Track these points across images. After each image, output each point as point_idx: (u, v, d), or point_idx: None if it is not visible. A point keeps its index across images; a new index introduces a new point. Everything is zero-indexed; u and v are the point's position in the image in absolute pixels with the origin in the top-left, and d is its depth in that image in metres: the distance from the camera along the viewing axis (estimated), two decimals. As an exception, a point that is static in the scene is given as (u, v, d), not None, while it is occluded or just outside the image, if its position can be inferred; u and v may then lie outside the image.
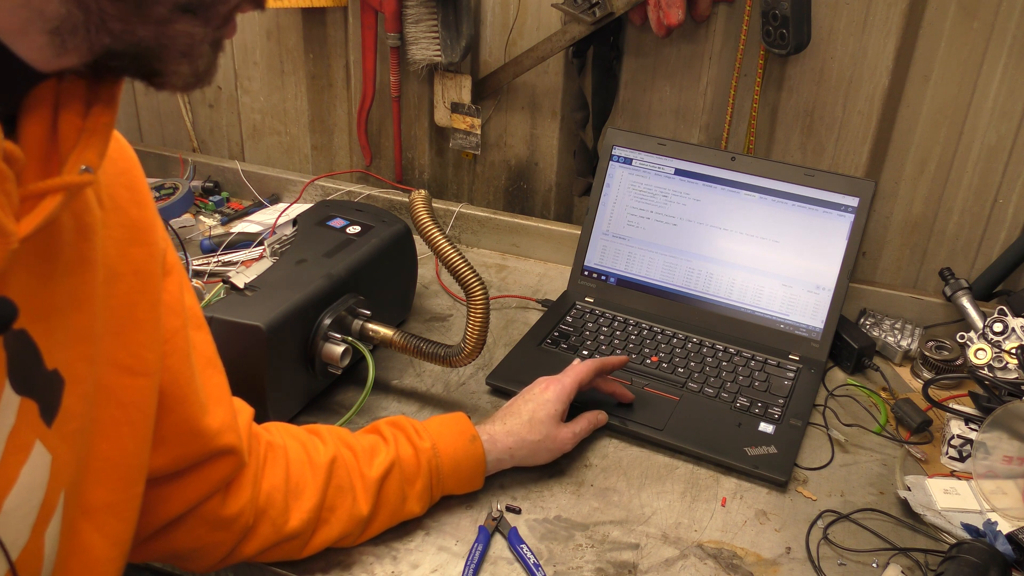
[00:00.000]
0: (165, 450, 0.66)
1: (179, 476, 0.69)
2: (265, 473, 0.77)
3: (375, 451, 0.83)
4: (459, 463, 0.86)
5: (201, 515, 0.72)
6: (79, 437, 0.55)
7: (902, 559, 0.85)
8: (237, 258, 1.32)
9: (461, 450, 0.86)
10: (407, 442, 0.84)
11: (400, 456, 0.83)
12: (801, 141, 1.29)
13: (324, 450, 0.80)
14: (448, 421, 0.88)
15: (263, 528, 0.76)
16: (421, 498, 0.84)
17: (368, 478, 0.81)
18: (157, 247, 0.63)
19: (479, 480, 0.88)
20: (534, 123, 1.44)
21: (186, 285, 0.69)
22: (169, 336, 0.64)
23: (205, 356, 0.71)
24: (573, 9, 1.25)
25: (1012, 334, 1.07)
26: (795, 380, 1.10)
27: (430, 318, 1.24)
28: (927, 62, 1.19)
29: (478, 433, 0.88)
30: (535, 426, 0.90)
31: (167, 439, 0.65)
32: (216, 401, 0.70)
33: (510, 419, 0.91)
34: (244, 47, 1.58)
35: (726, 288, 1.19)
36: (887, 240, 1.31)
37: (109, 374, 0.58)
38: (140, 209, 0.62)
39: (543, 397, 0.92)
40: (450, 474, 0.85)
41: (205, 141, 1.71)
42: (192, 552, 0.74)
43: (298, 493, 0.77)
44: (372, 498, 0.80)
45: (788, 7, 1.12)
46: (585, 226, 1.27)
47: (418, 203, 0.97)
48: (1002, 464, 0.93)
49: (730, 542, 0.87)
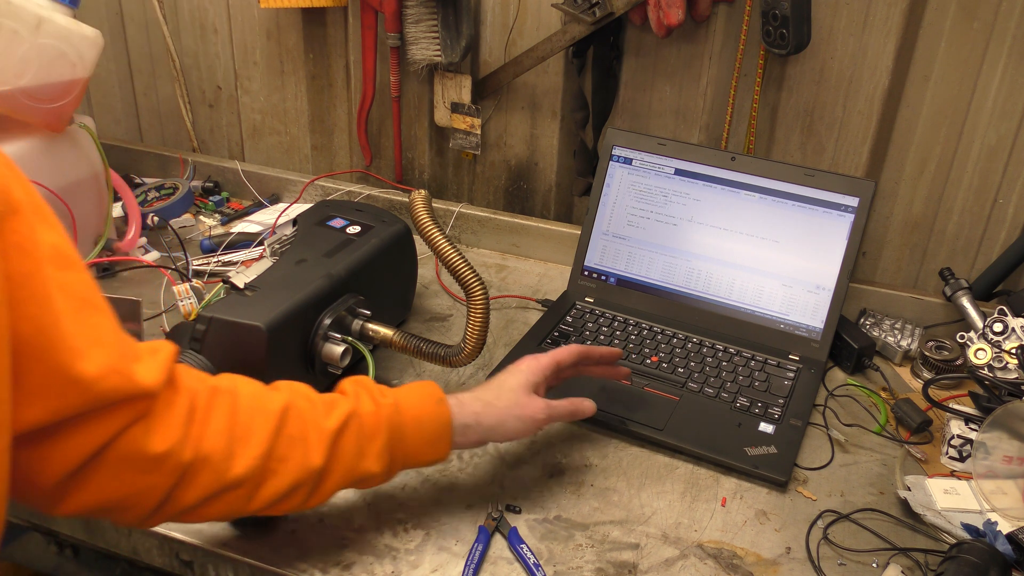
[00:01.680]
0: (39, 402, 0.61)
1: (67, 426, 0.64)
2: (209, 417, 0.72)
3: (334, 404, 0.79)
4: (422, 423, 0.81)
5: (119, 456, 0.68)
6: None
7: (902, 559, 0.85)
8: (237, 258, 1.33)
9: (426, 411, 0.82)
10: (369, 397, 0.80)
11: (359, 410, 0.79)
12: (801, 141, 1.29)
13: (277, 398, 0.76)
14: (416, 385, 0.85)
15: (204, 475, 0.71)
16: (380, 456, 0.79)
17: (324, 429, 0.76)
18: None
19: (443, 445, 0.83)
20: (534, 123, 1.44)
21: (44, 223, 0.62)
22: (21, 281, 0.59)
23: (79, 297, 0.64)
24: (573, 9, 1.25)
25: (1012, 334, 1.07)
26: (795, 380, 1.10)
27: (430, 318, 1.24)
28: (927, 62, 1.19)
29: (446, 397, 0.84)
30: (503, 392, 0.87)
31: (38, 391, 0.61)
32: (95, 343, 0.64)
33: (480, 388, 0.88)
34: (244, 47, 1.58)
35: (726, 288, 1.19)
36: (887, 240, 1.31)
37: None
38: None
39: (515, 368, 0.90)
40: (412, 434, 0.81)
41: (205, 141, 1.71)
42: (122, 500, 0.70)
43: (245, 439, 0.73)
44: (326, 450, 0.76)
45: (788, 7, 1.12)
46: (585, 226, 1.27)
47: (418, 203, 0.97)
48: (1002, 464, 0.93)
49: (730, 542, 0.87)
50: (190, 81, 1.66)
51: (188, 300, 1.16)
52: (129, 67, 1.71)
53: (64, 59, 1.14)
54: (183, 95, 1.66)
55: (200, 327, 0.91)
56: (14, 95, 1.10)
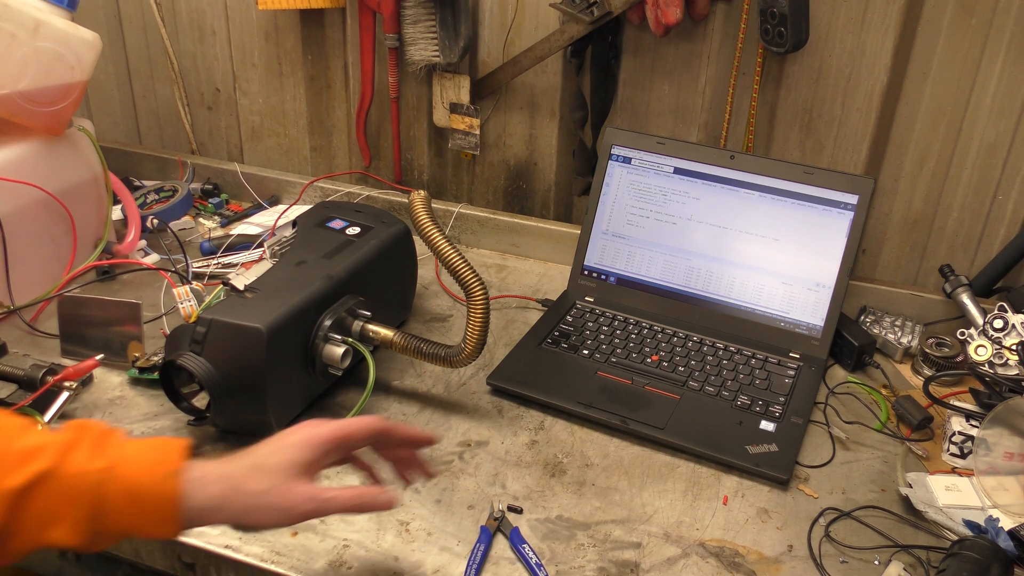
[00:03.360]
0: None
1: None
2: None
3: (31, 456, 0.67)
4: (139, 498, 0.68)
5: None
6: None
7: (904, 556, 0.85)
8: (237, 260, 1.33)
9: (147, 485, 0.68)
10: (81, 455, 0.68)
11: (59, 469, 0.66)
12: (800, 139, 1.29)
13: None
14: (154, 445, 0.71)
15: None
16: (77, 527, 0.67)
17: (3, 487, 0.65)
18: None
19: (170, 526, 0.69)
20: (533, 123, 1.44)
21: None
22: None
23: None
24: (571, 9, 1.25)
25: (1012, 330, 1.07)
26: (796, 378, 1.10)
27: (430, 318, 1.24)
28: (925, 59, 1.19)
29: (182, 470, 0.69)
30: (259, 473, 0.71)
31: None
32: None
33: (237, 460, 0.72)
34: (242, 49, 1.58)
35: (726, 286, 1.19)
36: (887, 237, 1.31)
37: None
38: None
39: (287, 440, 0.73)
40: (124, 507, 0.67)
41: (204, 143, 1.71)
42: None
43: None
44: (5, 512, 0.65)
45: (786, 5, 1.12)
46: (585, 225, 1.27)
47: (417, 204, 0.97)
48: (1003, 460, 0.93)
49: (732, 540, 0.87)
50: (188, 83, 1.66)
51: (188, 302, 1.16)
52: (127, 70, 1.71)
53: (62, 62, 1.14)
54: (182, 97, 1.66)
55: (200, 329, 0.91)
56: (12, 98, 1.10)
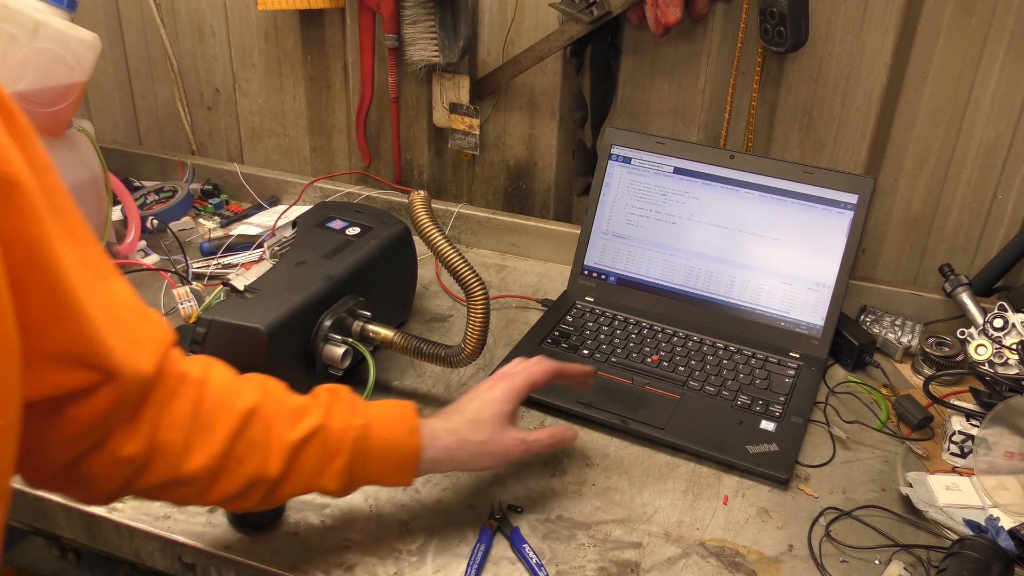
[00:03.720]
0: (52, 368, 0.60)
1: (72, 404, 0.63)
2: (169, 407, 0.70)
3: (303, 413, 0.76)
4: (389, 451, 0.78)
5: (102, 457, 0.68)
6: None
7: (904, 555, 0.85)
8: (237, 260, 1.33)
9: (395, 439, 0.79)
10: (340, 412, 0.77)
11: (327, 425, 0.76)
12: (800, 138, 1.29)
13: (247, 397, 0.74)
14: (392, 406, 0.81)
15: (159, 464, 0.70)
16: (339, 476, 0.76)
17: (286, 439, 0.74)
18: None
19: (408, 475, 0.80)
20: (533, 123, 1.44)
21: (56, 192, 0.60)
22: (33, 247, 0.57)
23: (101, 270, 0.64)
24: (571, 9, 1.25)
25: (1012, 330, 1.07)
26: (796, 377, 1.10)
27: (430, 319, 1.24)
28: (925, 59, 1.19)
29: (420, 426, 0.80)
30: (478, 426, 0.83)
31: (53, 357, 0.60)
32: (114, 320, 0.64)
33: (454, 417, 0.84)
34: (242, 49, 1.58)
35: (726, 286, 1.19)
36: (887, 237, 1.31)
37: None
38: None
39: (490, 395, 0.85)
40: (377, 459, 0.78)
41: (204, 144, 1.71)
42: (86, 487, 0.70)
43: (204, 434, 0.71)
44: (285, 461, 0.74)
45: (786, 4, 1.12)
46: (585, 225, 1.27)
47: (417, 204, 0.97)
48: (1004, 460, 0.93)
49: (732, 540, 0.87)
50: (188, 84, 1.66)
51: (188, 303, 1.16)
52: (127, 70, 1.71)
53: (62, 63, 1.14)
54: (181, 98, 1.66)
55: (200, 330, 0.91)
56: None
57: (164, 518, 0.87)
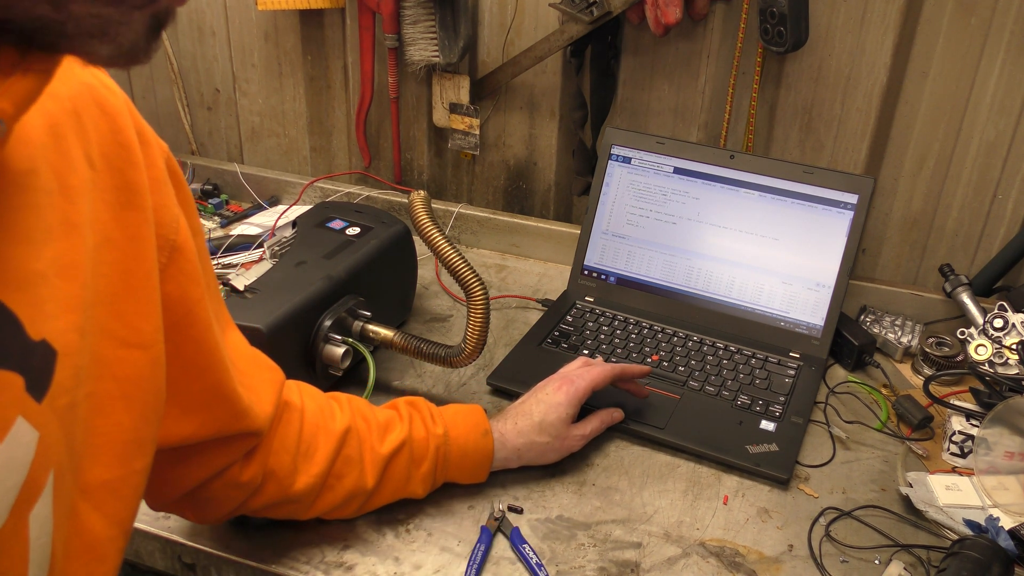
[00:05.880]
0: (195, 417, 0.67)
1: (204, 448, 0.70)
2: (277, 433, 0.78)
3: (389, 427, 0.84)
4: (467, 454, 0.87)
5: (222, 483, 0.74)
6: (71, 413, 0.52)
7: (904, 555, 0.85)
8: (237, 260, 1.32)
9: (471, 442, 0.87)
10: (421, 424, 0.86)
11: (412, 437, 0.84)
12: (800, 138, 1.29)
13: (340, 418, 0.82)
14: (464, 412, 0.89)
15: (270, 486, 0.77)
16: (425, 480, 0.86)
17: (378, 453, 0.82)
18: (149, 211, 0.59)
19: (483, 474, 0.90)
20: (533, 123, 1.44)
21: (204, 254, 0.67)
22: (190, 307, 0.63)
23: (223, 316, 0.71)
24: (570, 9, 1.24)
25: (1012, 330, 1.07)
26: (796, 378, 1.10)
27: (430, 319, 1.24)
28: (925, 58, 1.19)
29: (491, 428, 0.89)
30: (545, 428, 0.91)
31: (195, 406, 0.67)
32: (241, 372, 0.71)
33: (521, 419, 0.91)
34: (242, 49, 1.58)
35: (726, 286, 1.19)
36: (887, 237, 1.31)
37: (103, 346, 0.54)
38: (134, 170, 0.58)
39: (555, 399, 0.92)
40: (456, 463, 0.87)
41: (204, 144, 1.71)
42: (203, 509, 0.77)
43: (308, 456, 0.79)
44: (379, 473, 0.82)
45: (786, 4, 1.12)
46: (584, 225, 1.27)
47: (417, 204, 0.97)
48: (1004, 460, 0.93)
49: (732, 540, 0.87)
50: (188, 84, 1.66)
51: (188, 303, 1.16)
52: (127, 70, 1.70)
53: (62, 63, 1.14)
54: (181, 98, 1.66)
55: (200, 330, 0.91)
56: (12, 99, 1.10)
57: (164, 518, 0.87)
